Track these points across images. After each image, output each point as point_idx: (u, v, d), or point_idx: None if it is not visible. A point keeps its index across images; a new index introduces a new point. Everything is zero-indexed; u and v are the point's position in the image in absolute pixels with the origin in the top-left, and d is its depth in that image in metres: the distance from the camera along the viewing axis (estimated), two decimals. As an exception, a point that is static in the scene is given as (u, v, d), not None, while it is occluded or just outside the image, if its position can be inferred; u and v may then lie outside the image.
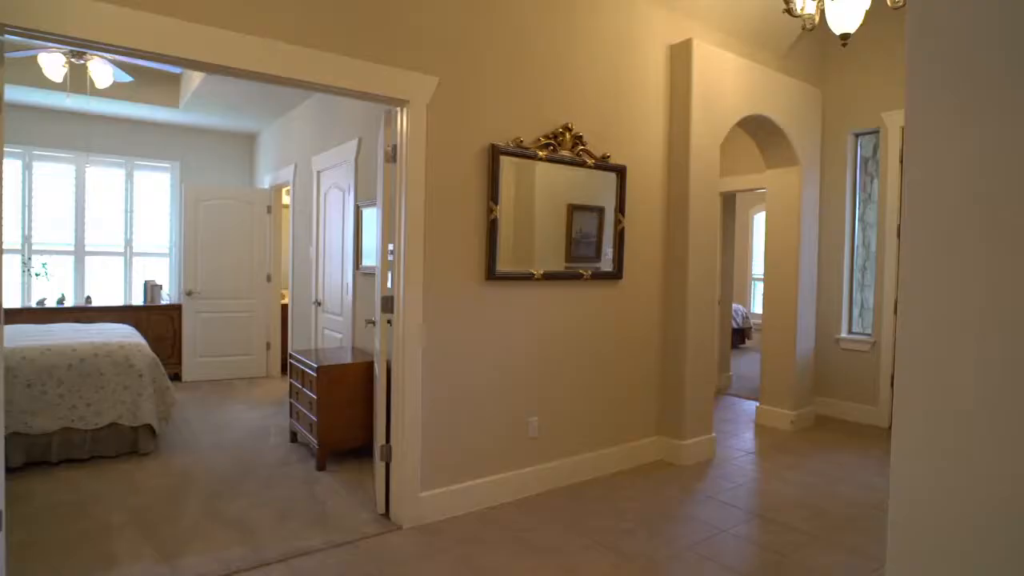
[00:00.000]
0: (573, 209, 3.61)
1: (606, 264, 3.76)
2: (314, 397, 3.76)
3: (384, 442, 3.08)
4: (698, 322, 4.04)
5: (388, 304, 3.06)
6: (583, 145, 3.56)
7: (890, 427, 4.94)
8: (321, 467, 3.74)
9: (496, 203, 3.19)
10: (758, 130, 4.72)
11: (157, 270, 6.90)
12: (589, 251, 3.69)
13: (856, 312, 5.34)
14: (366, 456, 3.95)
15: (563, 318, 3.56)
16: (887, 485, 3.51)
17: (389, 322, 3.07)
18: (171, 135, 6.83)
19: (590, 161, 3.59)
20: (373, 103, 3.10)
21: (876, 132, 5.12)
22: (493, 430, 3.29)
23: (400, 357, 2.98)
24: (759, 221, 10.25)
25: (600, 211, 3.73)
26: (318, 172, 5.37)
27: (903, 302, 1.28)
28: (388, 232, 3.10)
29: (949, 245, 1.18)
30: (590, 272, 3.63)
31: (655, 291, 4.05)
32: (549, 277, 3.45)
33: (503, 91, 3.24)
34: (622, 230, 3.79)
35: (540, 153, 3.35)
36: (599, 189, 3.71)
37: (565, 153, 3.49)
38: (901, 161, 4.35)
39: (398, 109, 3.01)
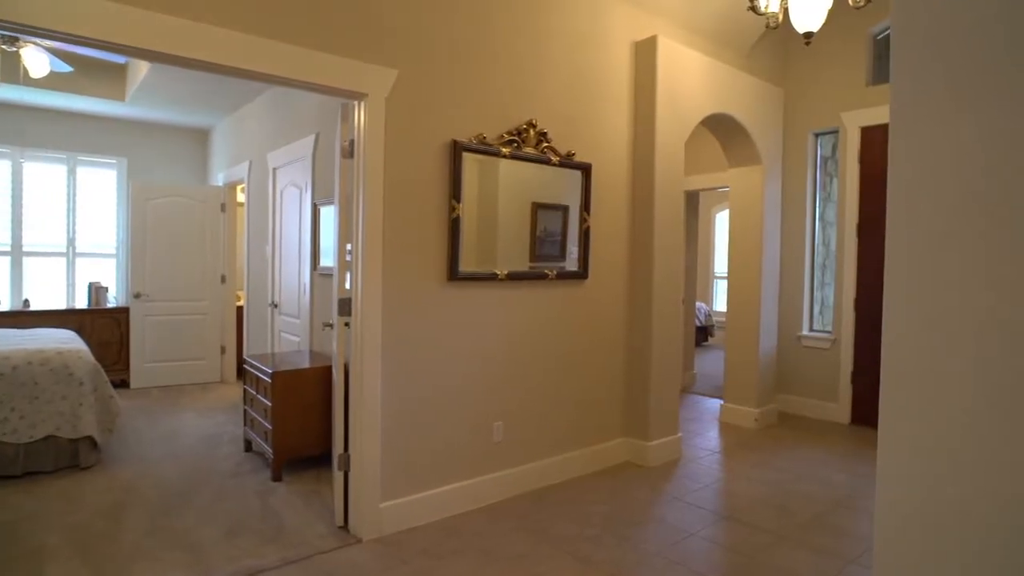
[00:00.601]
0: (537, 208, 3.53)
1: (571, 264, 3.69)
2: (269, 404, 3.59)
3: (342, 451, 2.94)
4: (664, 322, 4.01)
5: (346, 306, 2.93)
6: (548, 142, 3.48)
7: (851, 423, 5.01)
8: (276, 477, 3.57)
9: (458, 201, 3.08)
10: (722, 129, 4.72)
11: (102, 272, 6.57)
12: (554, 250, 3.62)
13: (817, 310, 5.40)
14: (324, 465, 3.80)
15: (528, 319, 3.47)
16: (850, 482, 3.51)
17: (347, 325, 2.94)
18: (117, 130, 6.51)
19: (555, 159, 3.51)
20: (330, 97, 2.96)
21: (835, 132, 5.18)
22: (457, 436, 3.18)
23: (359, 362, 2.85)
24: (721, 220, 10.37)
25: (565, 210, 3.65)
26: (274, 169, 5.17)
27: (888, 301, 1.22)
28: (346, 231, 2.96)
29: (934, 242, 1.13)
30: (555, 272, 3.56)
31: (621, 291, 4.00)
32: (513, 277, 3.36)
33: (465, 86, 3.14)
34: (587, 229, 3.72)
35: (504, 150, 3.26)
36: (564, 187, 3.64)
37: (529, 150, 3.40)
38: (860, 161, 4.40)
39: (356, 103, 2.88)
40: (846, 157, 5.04)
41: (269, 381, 3.58)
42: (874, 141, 4.91)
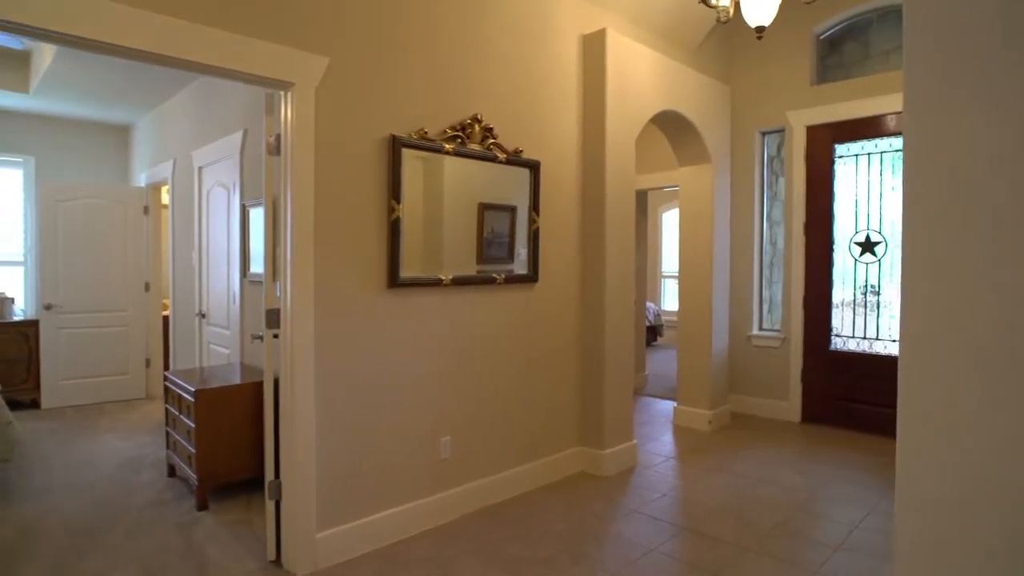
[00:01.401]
0: (484, 208, 3.32)
1: (520, 266, 3.50)
2: (192, 425, 3.26)
3: (273, 477, 2.66)
4: (617, 325, 3.87)
5: (274, 317, 2.65)
6: (494, 138, 3.28)
7: (802, 421, 5.01)
8: (202, 506, 3.25)
9: (398, 201, 2.85)
10: (671, 127, 4.63)
11: (7, 281, 5.99)
12: (501, 252, 3.42)
13: (766, 308, 5.39)
14: (256, 490, 3.49)
15: (476, 327, 3.26)
16: (806, 484, 3.42)
17: (277, 337, 2.66)
18: (22, 125, 5.94)
19: (501, 156, 3.32)
20: (258, 87, 2.68)
21: (782, 131, 5.17)
22: (401, 455, 2.95)
23: (289, 379, 2.58)
24: (668, 219, 10.41)
25: (513, 210, 3.46)
26: (199, 168, 4.79)
27: (905, 302, 1.09)
28: (273, 235, 2.69)
29: (952, 245, 0.99)
30: (503, 276, 3.36)
31: (573, 294, 3.84)
32: (459, 282, 3.14)
33: (405, 77, 2.90)
34: (537, 230, 3.54)
35: (447, 146, 3.04)
36: (512, 186, 3.45)
37: (474, 146, 3.19)
38: (806, 159, 4.37)
39: (282, 93, 2.61)
40: (792, 156, 5.04)
41: (192, 400, 3.25)
42: (819, 140, 4.92)
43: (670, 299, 10.43)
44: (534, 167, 3.50)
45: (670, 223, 10.31)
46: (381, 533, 2.85)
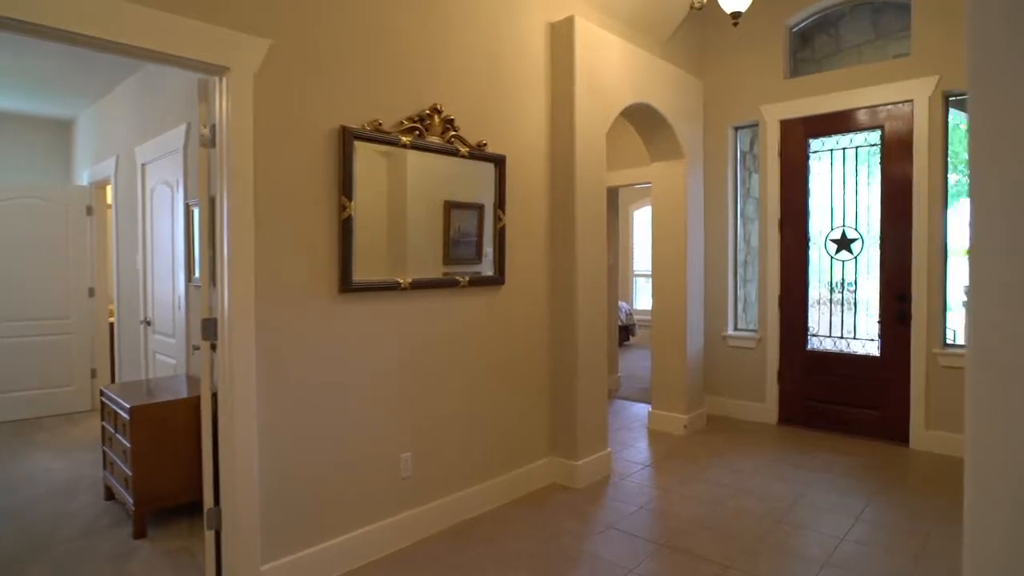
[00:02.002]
0: (450, 206, 3.10)
1: (487, 267, 3.28)
2: (128, 445, 2.98)
3: (212, 504, 2.40)
4: (589, 328, 3.68)
5: (211, 327, 2.39)
6: (455, 131, 3.06)
7: (779, 423, 4.90)
8: (139, 533, 2.96)
9: (350, 198, 2.61)
10: (643, 120, 4.46)
11: (-61, 287, 5.55)
12: (469, 252, 3.20)
13: (740, 308, 5.26)
14: (200, 514, 3.21)
15: (438, 333, 3.04)
16: (787, 492, 3.25)
17: (215, 348, 2.40)
18: (-49, 120, 5.53)
19: (463, 149, 3.09)
20: (194, 73, 2.42)
21: (755, 126, 5.05)
22: (356, 475, 2.71)
23: (228, 394, 2.32)
24: (639, 217, 10.29)
25: (480, 208, 3.24)
26: (142, 165, 4.47)
27: (974, 301, 0.91)
28: (210, 236, 2.43)
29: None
30: (468, 278, 3.14)
31: (542, 296, 3.64)
32: (419, 286, 2.91)
33: (357, 63, 2.66)
34: (503, 229, 3.33)
35: (404, 139, 2.81)
36: (477, 182, 3.23)
37: (434, 139, 2.97)
38: (780, 155, 4.23)
39: (217, 79, 2.35)
40: (766, 151, 4.91)
41: (127, 417, 2.96)
42: (793, 135, 4.80)
43: (642, 298, 10.32)
44: (499, 162, 3.29)
45: (641, 221, 10.20)
46: (336, 561, 2.61)
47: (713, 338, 5.14)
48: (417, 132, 2.88)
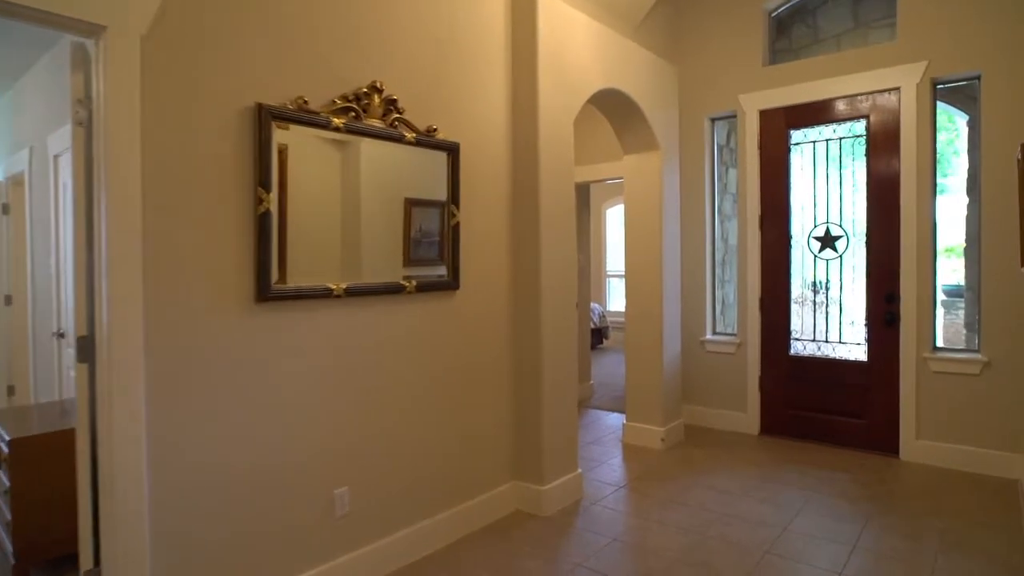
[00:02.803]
0: (411, 204, 2.70)
1: (437, 271, 2.88)
2: (7, 484, 2.50)
3: (91, 566, 1.96)
4: (556, 336, 3.30)
5: (86, 348, 1.95)
6: (399, 113, 2.65)
7: (760, 434, 4.58)
8: (23, 590, 2.50)
9: (268, 189, 2.18)
10: (615, 109, 4.10)
11: None
12: (432, 253, 2.81)
13: (718, 310, 4.95)
14: (106, 559, 2.75)
15: (382, 347, 2.63)
16: (774, 516, 2.85)
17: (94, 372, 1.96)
18: None
19: (409, 135, 2.69)
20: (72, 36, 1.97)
21: (732, 116, 4.73)
22: (280, 517, 2.28)
23: (107, 430, 1.88)
24: (612, 215, 9.98)
25: (443, 205, 2.84)
26: (55, 156, 3.96)
27: None
28: (87, 237, 1.98)
29: None
30: (415, 283, 2.73)
31: (502, 301, 3.25)
32: (357, 293, 2.50)
33: (278, 28, 2.24)
34: (456, 226, 2.93)
35: (336, 120, 2.39)
36: (426, 173, 2.82)
37: (374, 123, 2.55)
38: (759, 147, 3.89)
39: (92, 42, 1.91)
40: (745, 143, 4.59)
41: (6, 451, 2.49)
42: (773, 126, 4.49)
43: (616, 299, 10.01)
44: (452, 150, 2.89)
45: (614, 219, 9.89)
46: (253, 623, 2.18)
47: (690, 343, 4.81)
48: (353, 113, 2.46)
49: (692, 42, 4.78)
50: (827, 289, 4.38)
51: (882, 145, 4.06)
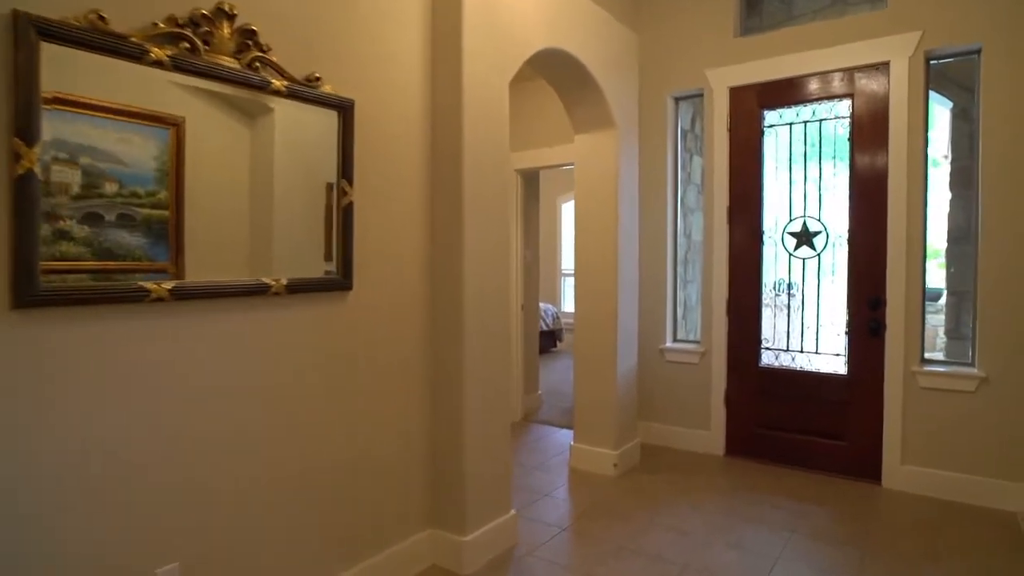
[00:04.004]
0: (282, 178, 2.02)
1: (316, 264, 2.20)
2: None
3: None
4: (485, 343, 2.66)
5: None
6: (261, 51, 1.96)
7: (726, 455, 4.04)
8: None
9: (31, 142, 1.48)
10: (562, 76, 3.47)
11: None
12: (312, 242, 2.14)
13: (680, 313, 4.39)
14: None
15: (237, 366, 1.93)
16: (750, 568, 2.20)
17: None
18: None
19: (278, 82, 2.00)
20: None
21: (699, 95, 4.16)
22: (61, 618, 1.58)
23: None
24: (568, 210, 9.40)
25: (314, 179, 2.17)
26: None
27: None
28: None
29: None
30: (284, 281, 2.05)
31: (414, 303, 2.59)
32: (194, 295, 1.80)
33: (53, -92, 1.53)
34: (349, 208, 2.25)
35: (154, 51, 1.68)
36: (304, 137, 2.14)
37: (222, 60, 1.85)
38: (729, 129, 3.22)
39: None
40: (712, 125, 4.03)
41: None
42: (744, 105, 3.94)
43: (571, 299, 9.43)
44: (343, 108, 2.21)
45: (570, 214, 9.30)
46: None
47: (648, 352, 4.24)
48: (187, 45, 1.76)
49: (654, 10, 4.19)
50: (803, 292, 3.85)
51: (868, 129, 3.54)
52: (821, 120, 3.74)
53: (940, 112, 4.49)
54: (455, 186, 2.55)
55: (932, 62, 3.42)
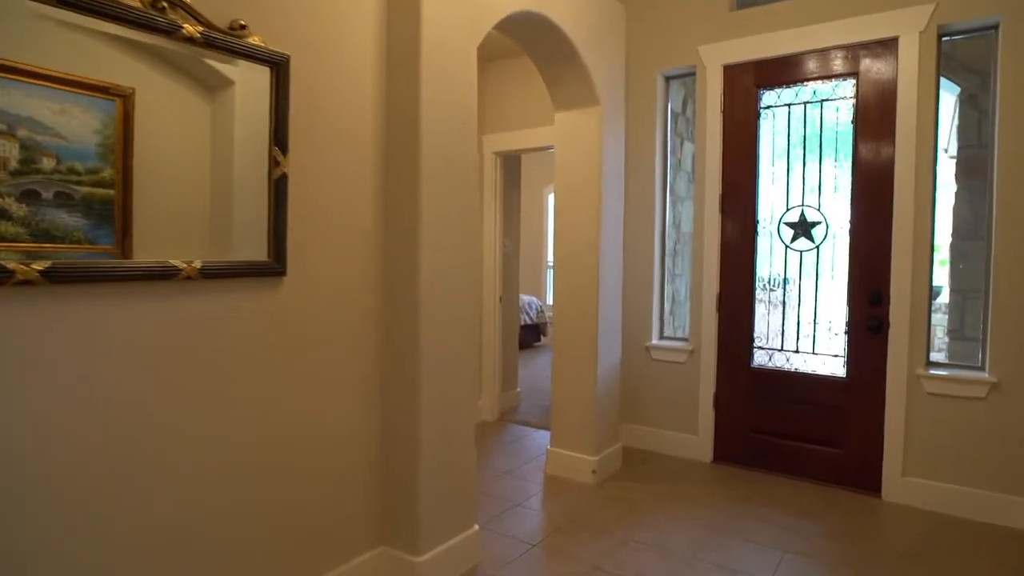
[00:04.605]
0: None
1: (246, 247, 1.89)
2: None
3: None
4: (446, 337, 2.36)
5: None
6: (169, -13, 1.64)
7: (714, 460, 3.77)
8: None
9: None
10: (541, 46, 3.16)
11: None
12: (245, 220, 1.83)
13: (667, 308, 4.10)
14: None
15: (138, 372, 1.62)
16: None
17: None
18: None
19: (191, 28, 1.67)
20: None
21: (691, 74, 3.86)
22: None
23: None
24: (553, 201, 9.10)
25: (238, 145, 1.86)
26: None
27: None
28: None
29: None
30: (199, 264, 1.73)
31: (363, 291, 2.28)
32: (74, 278, 1.48)
33: None
34: (282, 180, 1.94)
35: (21, -25, 1.37)
36: (257, 108, 1.83)
37: (117, -4, 1.54)
38: (723, 110, 2.87)
39: None
40: (706, 105, 3.73)
41: None
42: (739, 84, 3.64)
43: (558, 292, 9.17)
44: (276, 64, 1.90)
45: (558, 205, 9.02)
46: None
47: (632, 350, 3.95)
48: (68, -27, 1.44)
49: (645, -20, 3.89)
50: (800, 288, 3.57)
51: (874, 111, 3.26)
52: (823, 101, 3.45)
53: (944, 99, 4.20)
54: (411, 157, 2.24)
55: (944, 38, 3.13)
